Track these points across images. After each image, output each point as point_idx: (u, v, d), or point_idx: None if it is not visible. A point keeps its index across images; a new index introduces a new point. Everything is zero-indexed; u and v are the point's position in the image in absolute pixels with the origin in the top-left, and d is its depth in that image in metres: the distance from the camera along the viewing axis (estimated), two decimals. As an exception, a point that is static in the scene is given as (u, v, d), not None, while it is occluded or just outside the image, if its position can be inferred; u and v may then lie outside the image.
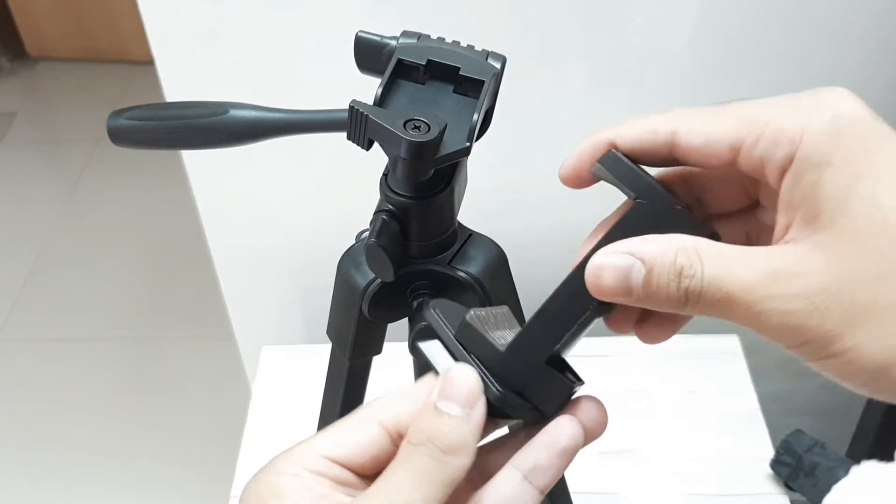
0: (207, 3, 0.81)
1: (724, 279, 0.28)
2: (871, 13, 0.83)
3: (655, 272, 0.29)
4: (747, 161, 0.30)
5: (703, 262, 0.29)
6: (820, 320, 0.28)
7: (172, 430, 1.72)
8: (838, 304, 0.27)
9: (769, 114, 0.29)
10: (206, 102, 0.46)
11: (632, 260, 0.29)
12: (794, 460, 0.85)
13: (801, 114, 0.29)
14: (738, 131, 0.30)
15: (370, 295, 0.49)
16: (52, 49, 2.68)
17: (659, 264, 0.29)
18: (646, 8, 0.82)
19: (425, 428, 0.30)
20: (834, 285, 0.28)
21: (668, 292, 0.29)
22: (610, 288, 0.30)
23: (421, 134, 0.39)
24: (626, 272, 0.29)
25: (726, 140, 0.30)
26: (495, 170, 0.92)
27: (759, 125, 0.29)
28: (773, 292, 0.28)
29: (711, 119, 0.30)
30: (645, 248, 0.29)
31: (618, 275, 0.29)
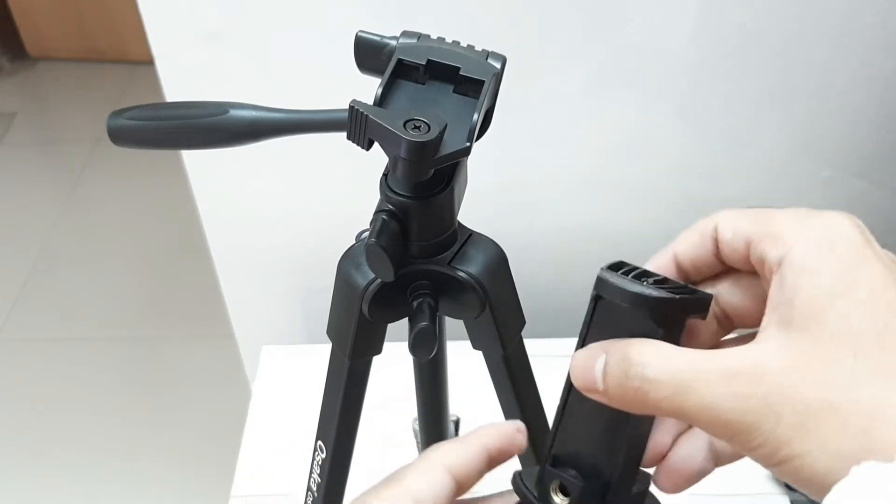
0: (208, 3, 0.81)
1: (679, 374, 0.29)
2: (871, 13, 0.83)
3: (610, 364, 0.30)
4: (754, 257, 0.31)
5: (653, 356, 0.29)
6: (774, 423, 0.28)
7: (172, 430, 1.72)
8: (792, 405, 0.27)
9: (779, 217, 0.31)
10: (206, 102, 0.46)
11: (598, 352, 0.31)
12: (794, 460, 0.84)
13: (802, 222, 0.30)
14: (753, 228, 0.31)
15: (370, 295, 0.49)
16: (52, 49, 2.68)
17: (612, 357, 0.30)
18: (646, 8, 0.82)
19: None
20: (791, 386, 0.28)
21: (620, 382, 0.30)
22: (579, 380, 0.31)
23: (421, 134, 0.39)
24: (591, 365, 0.31)
25: (744, 234, 0.31)
26: (495, 170, 0.92)
27: (767, 224, 0.31)
28: (732, 388, 0.28)
29: (741, 214, 0.32)
30: (610, 345, 0.31)
31: (585, 368, 0.31)
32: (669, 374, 0.29)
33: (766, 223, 0.31)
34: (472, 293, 0.48)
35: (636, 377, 0.29)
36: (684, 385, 0.29)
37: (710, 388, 0.28)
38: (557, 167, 0.94)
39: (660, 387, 0.29)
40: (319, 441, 0.58)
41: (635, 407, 0.30)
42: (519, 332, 0.53)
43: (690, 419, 0.29)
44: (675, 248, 0.34)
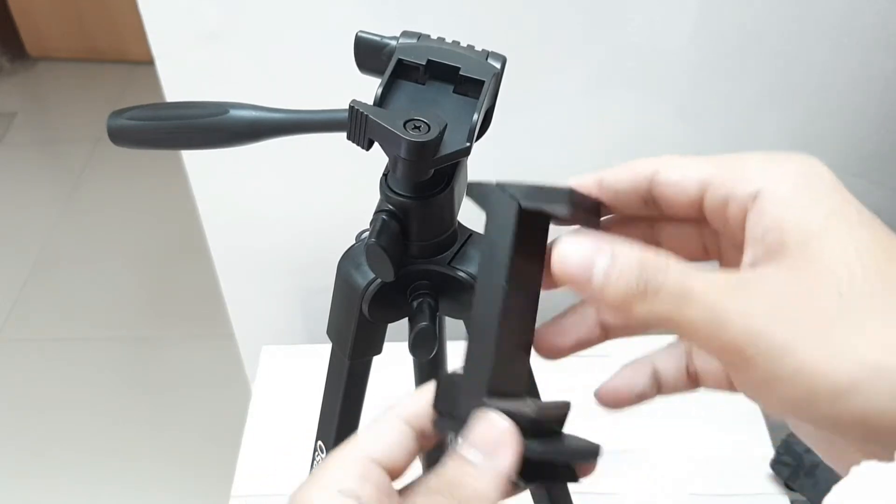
0: (207, 3, 0.81)
1: (688, 276, 0.28)
2: (871, 13, 0.83)
3: (619, 262, 0.29)
4: (712, 200, 0.31)
5: (668, 265, 0.29)
6: (780, 326, 0.27)
7: (172, 430, 1.72)
8: (805, 314, 0.27)
9: (743, 158, 0.31)
10: (206, 102, 0.46)
11: (599, 248, 0.30)
12: (794, 460, 0.85)
13: (774, 162, 0.30)
14: (710, 171, 0.31)
15: (370, 295, 0.49)
16: (52, 49, 2.68)
17: (625, 254, 0.29)
18: (646, 8, 0.82)
19: (446, 476, 0.30)
20: (799, 298, 0.27)
21: (628, 281, 0.29)
22: (574, 269, 0.29)
23: (421, 134, 0.39)
24: (591, 256, 0.29)
25: (699, 177, 0.31)
26: (495, 170, 0.92)
27: (729, 166, 0.31)
28: (737, 293, 0.28)
29: (690, 160, 0.32)
30: (614, 244, 0.30)
31: (583, 258, 0.29)
32: (679, 280, 0.28)
33: (731, 165, 0.30)
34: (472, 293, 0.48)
35: (648, 279, 0.28)
36: (687, 290, 0.28)
37: (715, 293, 0.28)
38: (557, 167, 0.94)
39: (666, 296, 0.28)
40: (319, 441, 0.58)
41: (626, 312, 0.29)
42: (519, 332, 0.53)
43: (686, 327, 0.28)
44: (603, 174, 0.33)
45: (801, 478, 0.84)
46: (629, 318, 0.29)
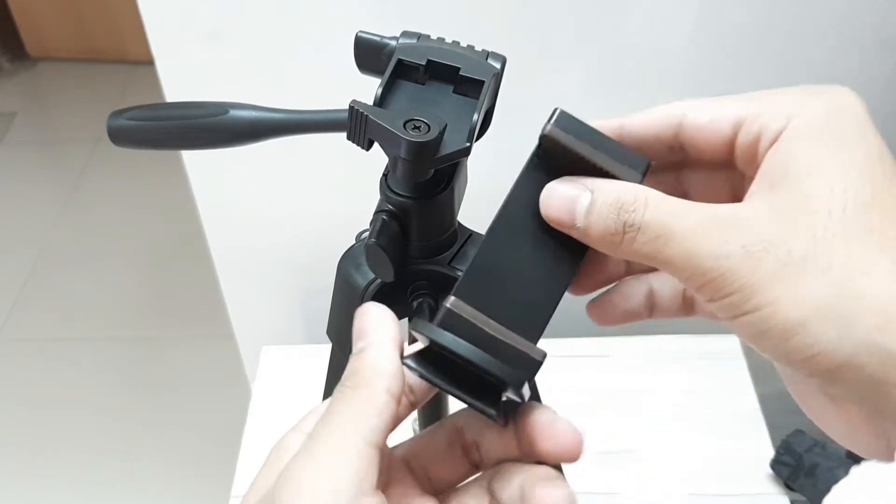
0: (207, 3, 0.81)
1: (665, 218, 0.29)
2: (871, 13, 0.83)
3: (598, 202, 0.30)
4: (745, 137, 0.30)
5: (647, 203, 0.29)
6: (751, 269, 0.27)
7: (172, 430, 1.72)
8: (774, 255, 0.27)
9: (776, 95, 0.30)
10: (206, 102, 0.46)
11: (581, 188, 0.31)
12: (794, 460, 0.85)
13: (806, 96, 0.30)
14: (743, 109, 0.31)
15: (370, 295, 0.49)
16: (52, 49, 2.68)
17: (603, 194, 0.30)
18: (646, 8, 0.82)
19: (347, 368, 0.31)
20: (773, 237, 0.28)
21: (607, 223, 0.29)
22: (556, 212, 0.31)
23: (421, 134, 0.39)
24: (573, 199, 0.30)
25: (730, 117, 0.31)
26: (495, 170, 0.92)
27: (763, 104, 0.30)
28: (712, 234, 0.28)
29: (720, 101, 0.32)
30: (594, 182, 0.31)
31: (566, 201, 0.31)
32: (658, 218, 0.29)
33: (766, 101, 0.30)
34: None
35: (625, 219, 0.29)
36: (667, 229, 0.29)
37: (693, 232, 0.28)
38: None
39: (647, 230, 0.29)
40: (319, 441, 0.58)
41: (610, 248, 0.30)
42: (519, 332, 0.53)
43: (666, 264, 0.29)
44: (626, 120, 0.33)
45: (801, 478, 0.84)
46: (618, 256, 0.30)
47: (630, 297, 0.35)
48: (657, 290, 0.35)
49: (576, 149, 0.32)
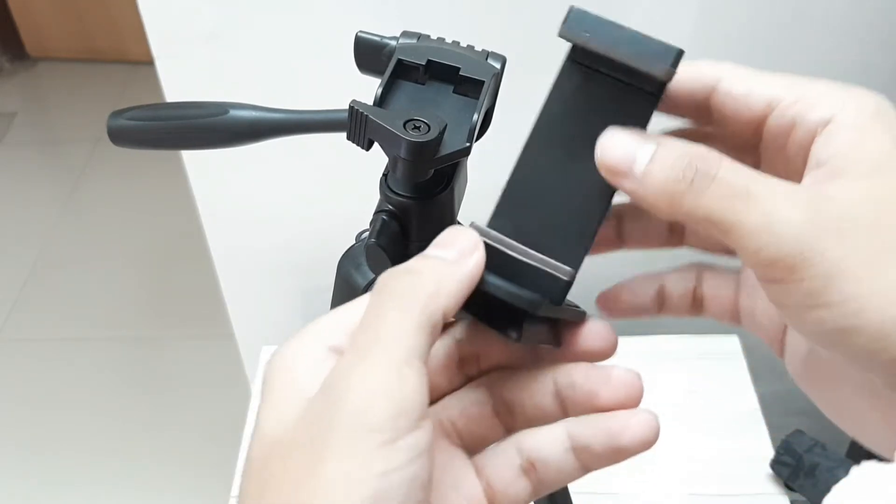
0: (207, 3, 0.81)
1: (745, 175, 0.26)
2: (871, 13, 0.83)
3: (667, 146, 0.27)
4: (778, 120, 0.29)
5: (720, 159, 0.27)
6: (844, 251, 0.25)
7: (172, 430, 1.72)
8: (876, 240, 0.25)
9: (816, 84, 0.29)
10: (206, 102, 0.46)
11: (646, 137, 0.28)
12: (794, 460, 0.85)
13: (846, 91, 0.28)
14: (781, 89, 0.29)
15: (370, 295, 0.49)
16: (52, 49, 2.68)
17: (671, 146, 0.27)
18: (646, 8, 0.82)
19: (405, 267, 0.28)
20: (866, 218, 0.25)
21: (674, 169, 0.27)
22: (614, 158, 0.28)
23: (421, 134, 0.39)
24: (635, 145, 0.28)
25: (767, 94, 0.29)
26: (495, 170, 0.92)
27: (801, 88, 0.29)
28: (800, 203, 0.25)
29: (760, 75, 0.30)
30: (660, 136, 0.28)
31: (627, 144, 0.28)
32: (736, 174, 0.26)
33: (803, 88, 0.29)
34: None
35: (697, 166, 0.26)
36: (746, 188, 0.26)
37: (777, 196, 0.26)
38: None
39: (722, 184, 0.26)
40: (319, 441, 0.58)
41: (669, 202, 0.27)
42: (519, 332, 0.53)
43: (733, 230, 0.26)
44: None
45: (801, 478, 0.84)
46: (673, 215, 0.27)
47: (640, 292, 0.34)
48: (668, 286, 0.34)
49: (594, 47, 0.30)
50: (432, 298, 0.27)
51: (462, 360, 0.32)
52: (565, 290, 0.30)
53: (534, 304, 0.29)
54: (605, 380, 0.30)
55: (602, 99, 0.30)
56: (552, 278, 0.30)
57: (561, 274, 0.29)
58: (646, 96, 0.30)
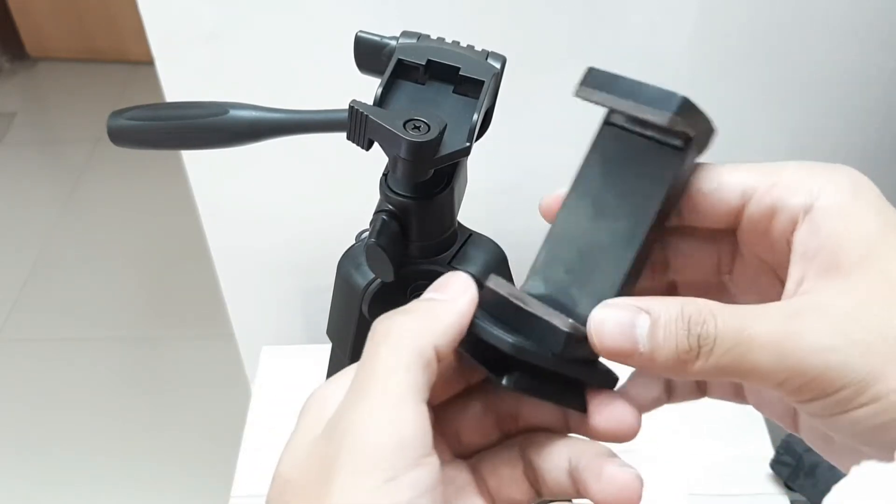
0: (207, 4, 0.81)
1: (741, 323, 0.26)
2: (871, 13, 0.83)
3: (662, 321, 0.27)
4: (756, 208, 0.29)
5: (713, 313, 0.27)
6: (862, 359, 0.25)
7: (172, 430, 1.72)
8: (881, 337, 0.25)
9: (786, 167, 0.29)
10: (206, 102, 0.46)
11: (635, 310, 0.27)
12: (794, 460, 0.85)
13: (820, 171, 0.28)
14: (754, 178, 0.29)
15: (370, 295, 0.49)
16: (52, 49, 2.68)
17: (665, 313, 0.27)
18: (645, 8, 0.82)
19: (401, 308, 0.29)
20: (876, 322, 0.25)
21: (678, 342, 0.26)
22: (613, 341, 0.28)
23: (421, 134, 0.39)
24: (629, 324, 0.27)
25: (740, 186, 0.29)
26: (495, 170, 0.92)
27: (775, 174, 0.29)
28: (805, 326, 0.26)
29: (727, 167, 0.30)
30: (649, 302, 0.28)
31: (622, 327, 0.27)
32: (733, 325, 0.26)
33: (776, 174, 0.29)
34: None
35: (699, 333, 0.26)
36: (746, 335, 0.26)
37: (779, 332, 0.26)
38: (557, 167, 0.94)
39: (724, 341, 0.26)
40: (319, 441, 0.58)
41: (679, 369, 0.27)
42: (519, 332, 0.53)
43: (750, 373, 0.26)
44: None
45: (801, 478, 0.84)
46: (686, 377, 0.27)
47: (649, 385, 0.33)
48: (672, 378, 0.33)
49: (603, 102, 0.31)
50: (423, 335, 0.28)
51: (501, 418, 0.32)
52: (567, 342, 0.29)
53: (515, 348, 0.29)
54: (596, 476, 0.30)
55: (633, 157, 0.31)
56: (552, 329, 0.29)
57: (561, 325, 0.29)
58: (674, 151, 0.30)
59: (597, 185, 0.32)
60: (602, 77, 0.32)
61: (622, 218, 0.30)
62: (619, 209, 0.30)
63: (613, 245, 0.30)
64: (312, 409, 0.30)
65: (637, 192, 0.30)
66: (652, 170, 0.30)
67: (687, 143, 0.30)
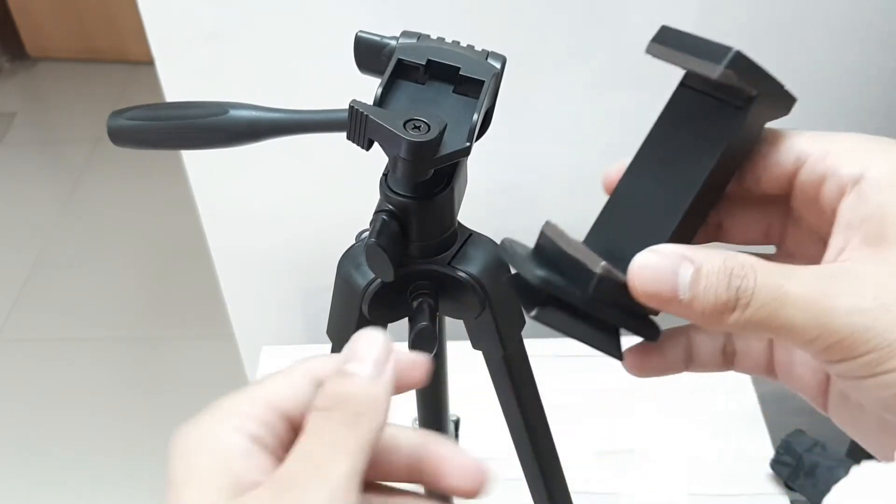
0: (207, 3, 0.81)
1: (781, 279, 0.27)
2: (871, 13, 0.83)
3: (705, 271, 0.27)
4: (808, 176, 0.30)
5: (754, 268, 0.27)
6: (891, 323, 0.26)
7: (172, 430, 1.72)
8: None
9: (841, 137, 0.30)
10: (206, 102, 0.46)
11: (679, 258, 0.28)
12: (794, 460, 0.85)
13: (873, 145, 0.29)
14: (809, 145, 0.30)
15: (370, 295, 0.49)
16: (52, 49, 2.68)
17: (708, 263, 0.28)
18: (646, 8, 0.82)
19: (333, 392, 0.28)
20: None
21: (717, 292, 0.27)
22: (654, 286, 0.28)
23: (421, 134, 0.39)
24: (671, 270, 0.28)
25: (795, 151, 0.30)
26: (495, 170, 0.92)
27: (830, 143, 0.30)
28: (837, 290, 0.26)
29: (787, 132, 0.31)
30: (693, 252, 0.28)
31: (664, 273, 0.28)
32: (771, 281, 0.27)
33: (829, 142, 0.30)
34: (472, 293, 0.48)
35: (738, 286, 0.27)
36: (783, 291, 0.27)
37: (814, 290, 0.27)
38: (557, 167, 0.94)
39: (760, 296, 0.27)
40: (319, 441, 0.58)
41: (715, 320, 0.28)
42: (519, 331, 0.53)
43: (783, 330, 0.27)
44: None
45: (801, 478, 0.84)
46: (720, 329, 0.28)
47: (667, 350, 0.33)
48: (696, 343, 0.34)
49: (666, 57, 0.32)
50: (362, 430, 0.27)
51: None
52: (599, 282, 0.29)
53: (542, 280, 0.30)
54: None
55: (699, 117, 0.32)
56: (585, 270, 0.29)
57: (593, 265, 0.29)
58: (735, 111, 0.30)
59: (660, 147, 0.32)
60: (671, 34, 0.33)
61: (678, 176, 0.31)
62: (677, 168, 0.31)
63: (667, 202, 0.31)
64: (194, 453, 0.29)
65: (696, 152, 0.31)
66: (713, 129, 0.31)
67: (748, 103, 0.30)
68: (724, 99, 0.31)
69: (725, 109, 0.31)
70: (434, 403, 0.60)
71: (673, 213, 0.31)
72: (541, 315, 0.30)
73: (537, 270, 0.30)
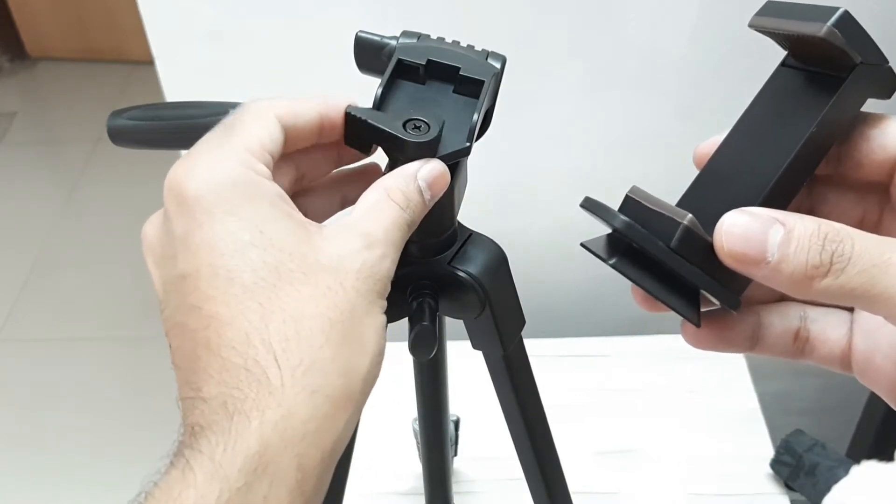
0: (207, 3, 0.81)
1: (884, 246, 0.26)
2: (871, 13, 0.83)
3: (797, 233, 0.26)
4: None
5: (851, 235, 0.27)
6: None
7: (172, 431, 1.72)
8: None
9: None
10: (206, 102, 0.46)
11: (770, 220, 0.27)
12: (794, 460, 0.85)
13: None
14: None
15: (370, 295, 0.49)
16: (52, 49, 2.68)
17: (801, 226, 0.27)
18: (646, 8, 0.82)
19: (410, 197, 0.36)
20: None
21: (810, 256, 0.26)
22: (742, 246, 0.27)
23: (421, 134, 0.39)
24: (761, 231, 0.27)
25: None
26: (495, 170, 0.92)
27: None
28: None
29: (888, 117, 0.30)
30: (784, 215, 0.27)
31: (754, 233, 0.27)
32: (871, 248, 0.26)
33: None
34: (472, 293, 0.48)
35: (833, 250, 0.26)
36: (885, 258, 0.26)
37: None
38: (557, 167, 0.94)
39: (859, 261, 0.26)
40: (319, 441, 0.58)
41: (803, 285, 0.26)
42: (519, 331, 0.53)
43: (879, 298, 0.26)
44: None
45: (801, 478, 0.84)
46: (806, 295, 0.27)
47: (734, 324, 0.32)
48: (767, 324, 0.32)
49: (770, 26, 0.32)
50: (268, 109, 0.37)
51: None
52: (683, 235, 0.28)
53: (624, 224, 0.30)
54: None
55: (797, 91, 0.31)
56: (671, 222, 0.29)
57: (679, 217, 0.29)
58: (836, 81, 0.30)
59: (755, 122, 0.32)
60: (775, 6, 0.33)
61: (772, 145, 0.30)
62: (772, 138, 0.30)
63: (759, 171, 0.30)
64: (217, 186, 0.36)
65: (793, 121, 0.30)
66: (811, 100, 0.30)
67: (849, 72, 0.29)
68: (824, 72, 0.30)
69: (826, 80, 0.30)
70: (434, 403, 0.60)
71: (764, 180, 0.30)
72: (619, 264, 0.30)
73: (622, 216, 0.30)
